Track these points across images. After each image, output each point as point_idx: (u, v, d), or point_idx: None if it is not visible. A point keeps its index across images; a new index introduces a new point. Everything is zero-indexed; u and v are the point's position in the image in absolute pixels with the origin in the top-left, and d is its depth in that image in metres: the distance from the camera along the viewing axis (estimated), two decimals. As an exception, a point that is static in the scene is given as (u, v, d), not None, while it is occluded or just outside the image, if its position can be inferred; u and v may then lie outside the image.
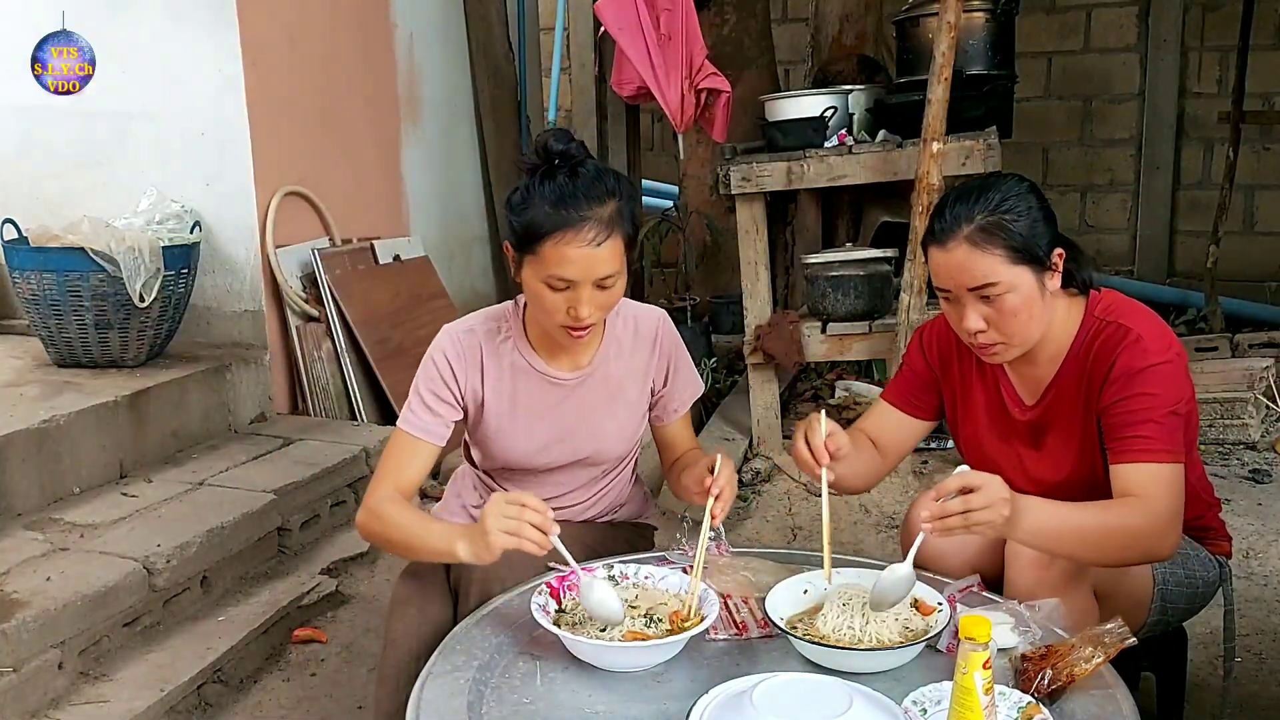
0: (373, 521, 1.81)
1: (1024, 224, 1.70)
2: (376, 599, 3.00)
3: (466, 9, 4.97)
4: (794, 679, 1.42)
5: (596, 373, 1.92)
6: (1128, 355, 1.71)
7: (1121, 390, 1.71)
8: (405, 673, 1.72)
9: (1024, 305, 1.71)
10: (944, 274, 1.74)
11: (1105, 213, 6.32)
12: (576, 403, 1.92)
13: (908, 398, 2.01)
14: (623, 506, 2.11)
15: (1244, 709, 2.35)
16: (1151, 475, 1.67)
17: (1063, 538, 1.63)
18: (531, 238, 1.72)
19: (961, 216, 1.71)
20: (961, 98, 3.53)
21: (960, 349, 1.92)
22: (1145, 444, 1.68)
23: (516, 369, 1.90)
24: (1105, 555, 1.67)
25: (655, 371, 1.97)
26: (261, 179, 3.72)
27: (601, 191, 1.71)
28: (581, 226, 1.69)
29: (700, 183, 5.34)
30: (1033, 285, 1.71)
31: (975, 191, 1.74)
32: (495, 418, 1.91)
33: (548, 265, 1.71)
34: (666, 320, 2.00)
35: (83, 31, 3.71)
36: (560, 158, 1.73)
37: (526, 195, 1.73)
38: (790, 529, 3.43)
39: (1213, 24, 5.92)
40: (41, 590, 2.42)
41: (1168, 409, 1.69)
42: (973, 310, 1.73)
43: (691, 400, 2.03)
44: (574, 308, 1.73)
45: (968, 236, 1.70)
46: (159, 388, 3.30)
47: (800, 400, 4.48)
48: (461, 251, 5.02)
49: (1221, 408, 3.78)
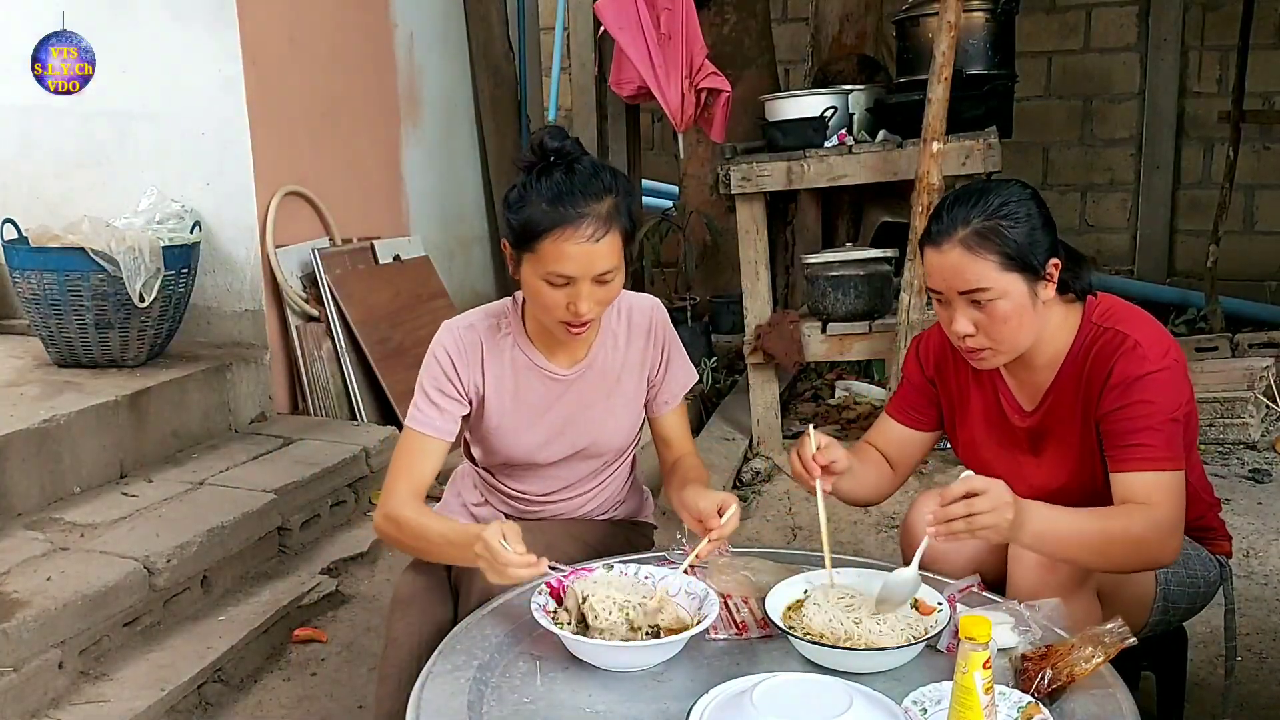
0: (390, 527, 1.81)
1: (1021, 231, 1.69)
2: (377, 599, 3.00)
3: (466, 9, 4.97)
4: (794, 679, 1.42)
5: (594, 366, 1.93)
6: (1125, 362, 1.71)
7: (1120, 398, 1.71)
8: (405, 672, 1.72)
9: (1014, 313, 1.70)
10: (937, 275, 1.74)
11: (1105, 212, 6.32)
12: (575, 396, 1.92)
13: (907, 411, 2.01)
14: (622, 504, 2.11)
15: (1244, 708, 2.35)
16: (1153, 483, 1.68)
17: (1065, 543, 1.63)
18: (529, 235, 1.72)
19: (958, 219, 1.70)
20: (961, 97, 3.53)
21: (956, 357, 1.91)
22: (1145, 452, 1.69)
23: (517, 365, 1.90)
24: (1108, 561, 1.68)
25: (651, 361, 1.98)
26: (261, 179, 3.72)
27: (598, 187, 1.71)
28: (580, 223, 1.69)
29: (700, 183, 5.34)
30: (1024, 293, 1.70)
31: (975, 195, 1.73)
32: (496, 414, 1.91)
33: (546, 262, 1.71)
34: (660, 308, 2.00)
35: (83, 31, 3.71)
36: (556, 154, 1.74)
37: (523, 193, 1.73)
38: (790, 529, 3.43)
39: (1213, 23, 5.92)
40: (41, 590, 2.42)
41: (1167, 416, 1.70)
42: (962, 314, 1.73)
43: (685, 389, 2.03)
44: (573, 303, 1.73)
45: (962, 240, 1.69)
46: (159, 387, 3.30)
47: (800, 400, 4.48)
48: (461, 251, 5.02)
49: (1221, 408, 3.78)
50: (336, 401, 3.88)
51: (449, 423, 1.87)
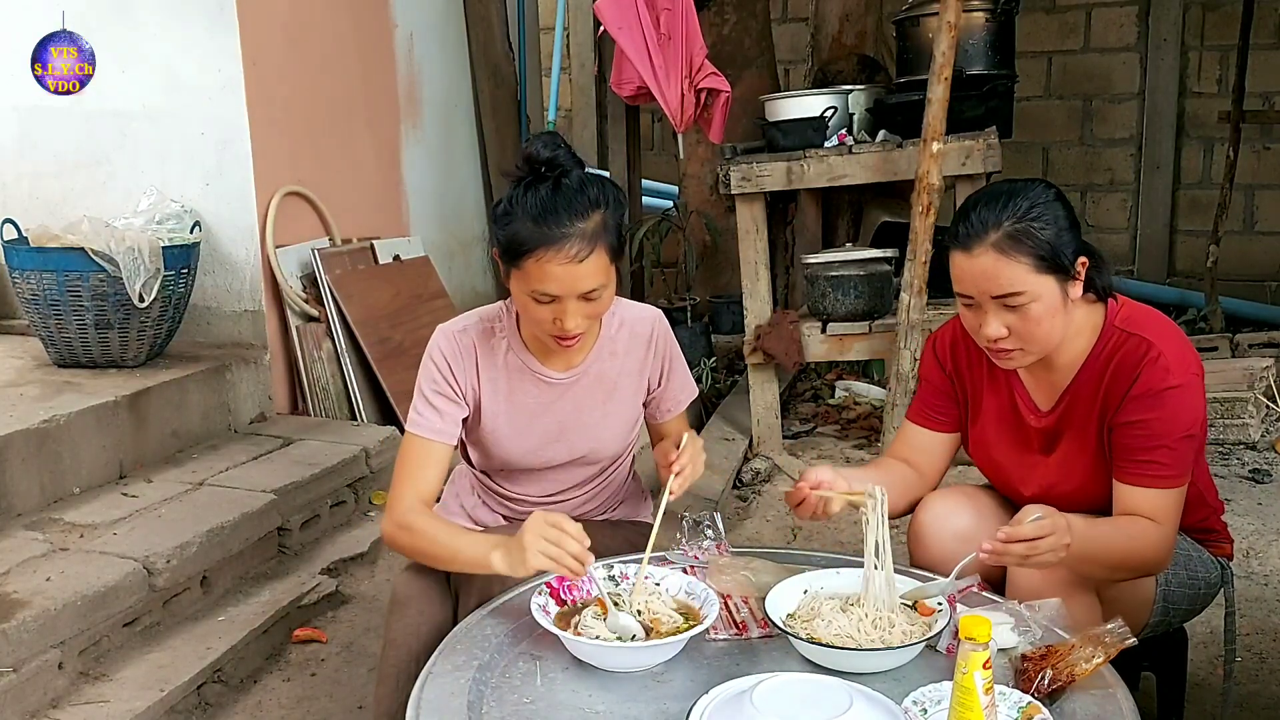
0: (401, 534, 1.80)
1: (1051, 232, 1.68)
2: (376, 599, 2.99)
3: (466, 9, 4.97)
4: (794, 679, 1.41)
5: (590, 372, 1.92)
6: (1149, 374, 1.70)
7: (1140, 411, 1.71)
8: (405, 672, 1.72)
9: (1047, 314, 1.70)
10: (968, 280, 1.72)
11: (1105, 212, 6.32)
12: (571, 401, 1.92)
13: (929, 414, 2.00)
14: (620, 505, 2.11)
15: (1244, 709, 2.35)
16: (1159, 500, 1.70)
17: (1086, 560, 1.65)
18: (514, 253, 1.71)
19: (989, 222, 1.69)
20: (961, 97, 3.53)
21: (971, 354, 1.91)
22: (1159, 469, 1.70)
23: (511, 369, 1.90)
24: (1113, 573, 1.72)
25: (651, 371, 1.97)
26: (261, 179, 3.72)
27: (584, 204, 1.69)
28: (563, 244, 1.67)
29: (700, 183, 5.34)
30: (1056, 294, 1.70)
31: (1003, 197, 1.71)
32: (491, 417, 1.91)
33: (531, 281, 1.70)
34: (662, 320, 1.99)
35: (83, 31, 3.71)
36: (547, 166, 1.71)
37: (510, 207, 1.71)
38: (790, 529, 3.43)
39: (1213, 24, 5.93)
40: (41, 590, 2.42)
41: (1183, 433, 1.71)
42: (995, 317, 1.71)
43: (686, 403, 2.03)
44: (559, 319, 1.72)
45: (994, 244, 1.68)
46: (159, 388, 3.30)
47: (800, 400, 4.49)
48: (461, 251, 5.02)
49: (1221, 408, 3.78)
50: (336, 402, 3.88)
51: (450, 425, 1.87)
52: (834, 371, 4.67)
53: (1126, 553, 1.68)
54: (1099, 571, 1.70)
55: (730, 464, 3.78)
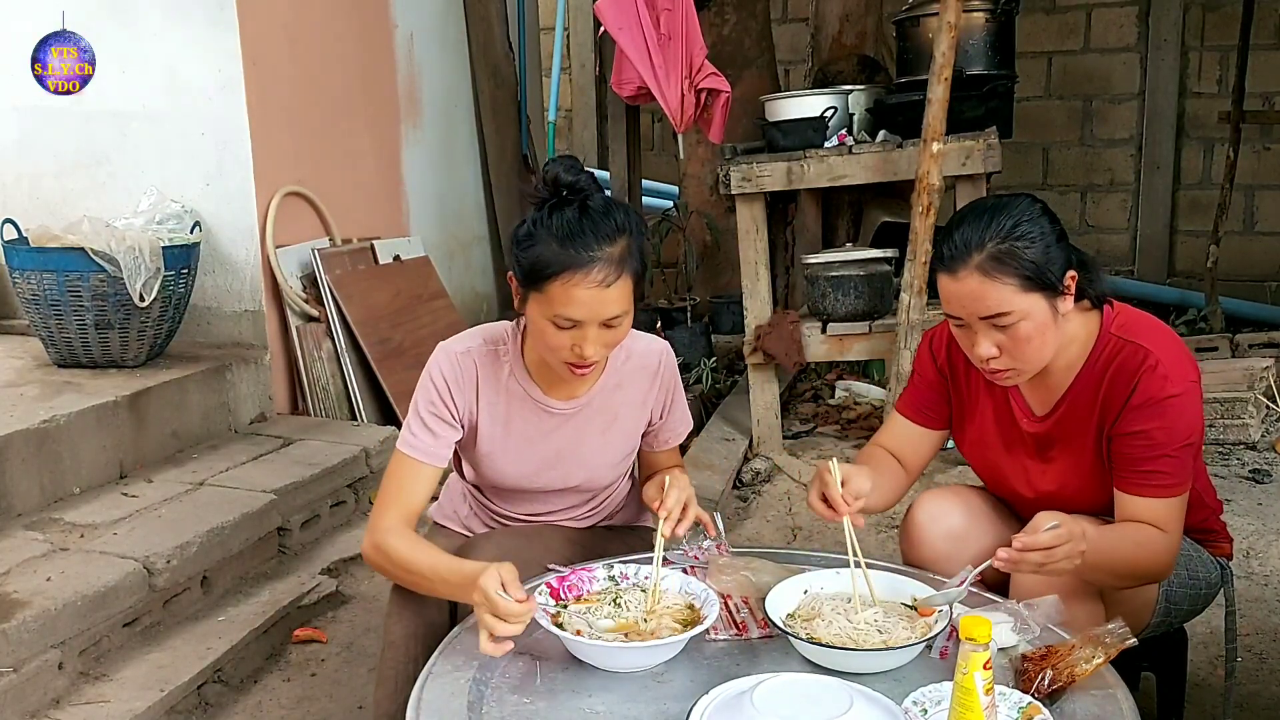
0: (378, 556, 1.77)
1: (1037, 250, 1.65)
2: (376, 599, 2.99)
3: (466, 9, 4.97)
4: (794, 679, 1.42)
5: (593, 403, 1.89)
6: (1148, 383, 1.69)
7: (1140, 421, 1.70)
8: (404, 673, 1.72)
9: (1037, 332, 1.68)
10: (955, 302, 1.70)
11: (1105, 213, 6.32)
12: (571, 432, 1.89)
13: (919, 408, 2.00)
14: (620, 513, 2.10)
15: (1244, 709, 2.35)
16: (1163, 509, 1.71)
17: (1096, 567, 1.65)
18: (538, 276, 1.65)
19: (972, 243, 1.66)
20: (961, 98, 3.53)
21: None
22: (1162, 479, 1.70)
23: (512, 395, 1.86)
24: (1121, 581, 1.73)
25: (654, 404, 1.94)
26: (261, 179, 3.72)
27: (611, 228, 1.65)
28: (591, 267, 1.63)
29: (700, 183, 5.34)
30: (1046, 311, 1.68)
31: (986, 215, 1.68)
32: (488, 441, 1.88)
33: (554, 305, 1.65)
34: (669, 353, 1.97)
35: (83, 31, 3.71)
36: (570, 190, 1.67)
37: (533, 230, 1.66)
38: (790, 529, 3.43)
39: (1213, 24, 5.93)
40: (41, 590, 2.42)
41: (1183, 442, 1.70)
42: (985, 338, 1.70)
43: (682, 436, 2.02)
44: (579, 346, 1.68)
45: (979, 265, 1.65)
46: (159, 388, 3.30)
47: (800, 400, 4.49)
48: (461, 251, 5.02)
49: (1221, 408, 3.78)
50: (336, 402, 3.88)
51: (442, 448, 1.83)
52: (834, 371, 4.67)
53: (1135, 560, 1.68)
54: (1107, 579, 1.70)
55: (730, 464, 3.78)
